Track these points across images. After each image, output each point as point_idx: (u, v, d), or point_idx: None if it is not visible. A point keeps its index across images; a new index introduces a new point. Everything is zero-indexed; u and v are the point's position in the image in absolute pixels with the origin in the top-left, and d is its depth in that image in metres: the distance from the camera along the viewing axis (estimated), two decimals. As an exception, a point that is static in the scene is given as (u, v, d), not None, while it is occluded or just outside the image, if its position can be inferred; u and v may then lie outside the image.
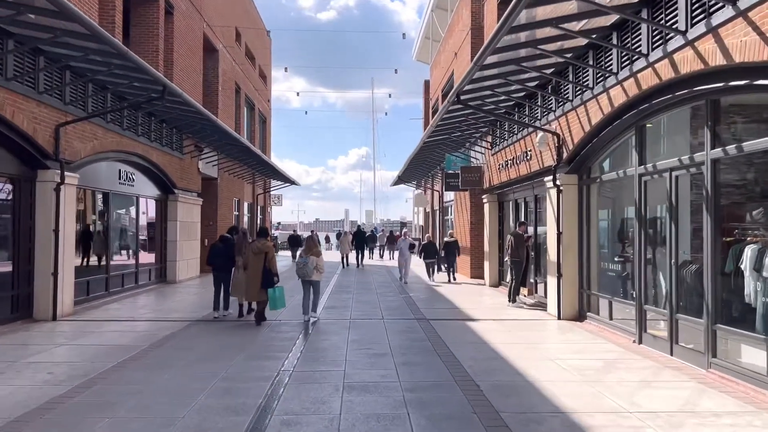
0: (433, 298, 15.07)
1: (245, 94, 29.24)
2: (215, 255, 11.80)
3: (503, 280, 17.67)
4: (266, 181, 34.06)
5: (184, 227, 19.58)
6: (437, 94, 29.06)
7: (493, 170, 17.54)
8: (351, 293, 16.23)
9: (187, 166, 19.74)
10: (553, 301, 12.04)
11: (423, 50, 37.29)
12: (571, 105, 11.06)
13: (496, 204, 18.12)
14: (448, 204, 27.13)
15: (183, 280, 19.33)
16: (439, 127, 15.66)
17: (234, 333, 10.14)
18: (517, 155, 14.80)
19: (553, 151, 12.01)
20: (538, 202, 14.33)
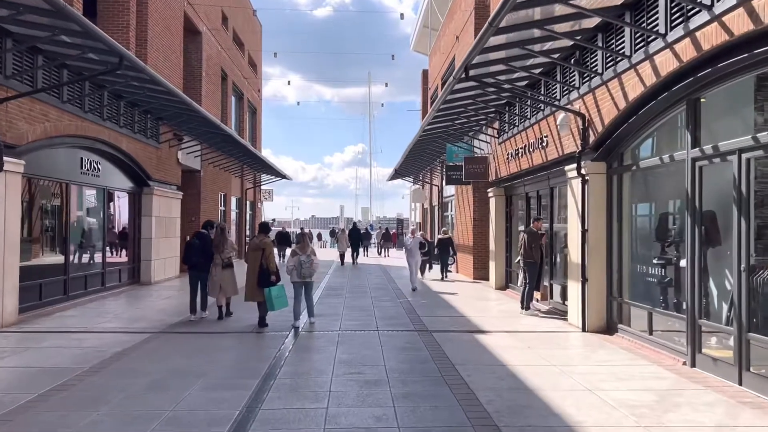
0: (434, 304, 13.40)
1: (233, 82, 27.49)
2: (191, 252, 10.95)
3: (511, 283, 16.02)
4: (256, 175, 32.33)
5: (161, 223, 17.86)
6: (436, 82, 27.36)
7: (500, 161, 15.86)
8: (342, 297, 14.55)
9: (164, 157, 18.00)
10: (575, 310, 10.39)
11: (421, 40, 35.61)
12: (601, 79, 9.39)
13: (503, 198, 16.46)
14: (448, 199, 25.46)
15: (159, 281, 17.61)
16: (442, 111, 13.97)
17: (199, 349, 8.44)
18: (529, 142, 13.13)
19: (577, 135, 10.34)
20: (554, 195, 12.66)
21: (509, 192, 16.08)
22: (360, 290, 16.07)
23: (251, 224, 33.05)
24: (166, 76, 17.40)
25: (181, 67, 19.61)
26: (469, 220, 19.72)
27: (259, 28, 35.06)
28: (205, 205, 22.47)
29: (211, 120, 15.65)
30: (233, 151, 22.92)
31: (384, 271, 22.85)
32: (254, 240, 10.55)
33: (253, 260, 10.18)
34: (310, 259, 10.18)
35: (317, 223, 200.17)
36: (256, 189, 33.97)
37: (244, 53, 30.22)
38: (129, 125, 15.25)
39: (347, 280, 18.97)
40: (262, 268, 10.01)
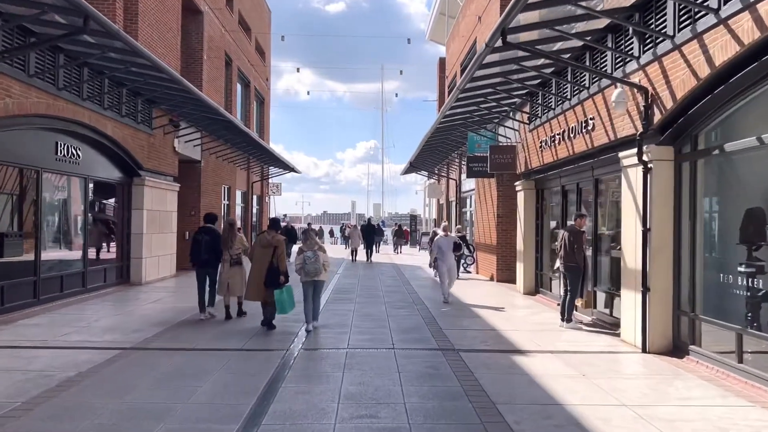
0: (457, 312, 11.67)
1: (238, 68, 25.84)
2: (199, 249, 10.35)
3: (542, 288, 14.25)
4: (264, 168, 30.70)
5: (154, 217, 16.25)
6: (455, 70, 25.57)
7: (531, 150, 14.07)
8: (352, 302, 12.85)
9: (158, 144, 16.39)
10: (631, 325, 8.61)
11: (437, 28, 33.82)
12: (672, 43, 7.59)
13: (534, 192, 14.67)
14: (467, 194, 23.69)
15: (151, 281, 16.01)
16: (466, 92, 12.21)
17: (171, 374, 6.77)
18: (569, 127, 11.34)
19: (636, 114, 8.55)
20: (599, 188, 10.88)
21: (541, 185, 14.29)
22: (372, 294, 14.36)
23: (258, 219, 31.48)
24: (160, 55, 15.78)
25: (178, 47, 17.97)
26: (492, 216, 17.94)
27: (267, 13, 33.39)
28: (206, 199, 20.86)
29: (208, 102, 13.99)
30: (237, 141, 21.32)
31: (398, 271, 21.13)
32: (264, 236, 9.61)
33: (261, 258, 9.44)
34: (316, 254, 9.34)
35: (329, 218, 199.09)
36: (264, 183, 32.37)
37: (250, 38, 28.56)
38: (114, 107, 13.63)
39: (358, 281, 17.28)
40: (272, 266, 9.30)
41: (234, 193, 25.37)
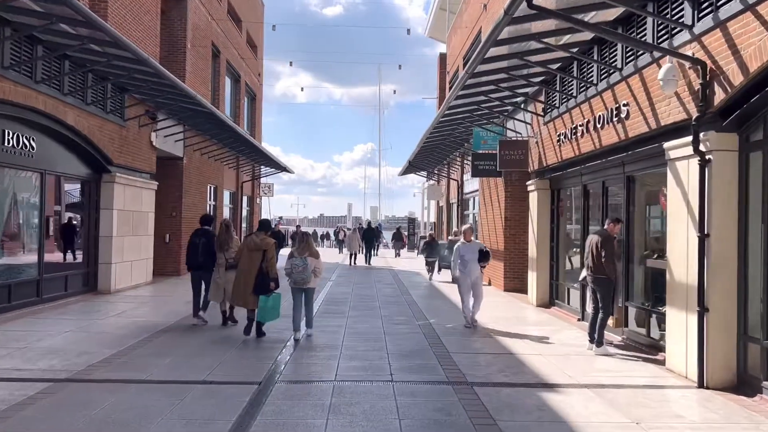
0: (464, 329, 10.11)
1: (227, 61, 24.28)
2: (196, 253, 9.98)
3: (557, 299, 12.71)
4: (255, 168, 29.13)
5: (127, 218, 14.67)
6: (457, 63, 24.11)
7: (546, 145, 12.55)
8: (344, 315, 11.30)
9: (131, 138, 14.81)
10: (680, 351, 7.08)
11: (437, 24, 32.40)
12: (743, 2, 6.08)
13: (548, 193, 13.14)
14: (469, 195, 22.17)
15: (123, 288, 14.42)
16: (476, 77, 10.67)
17: (101, 423, 5.20)
18: (595, 116, 9.81)
19: (689, 96, 7.03)
20: (632, 186, 9.35)
21: (557, 184, 12.76)
22: (367, 305, 12.80)
23: (249, 221, 29.89)
24: (136, 39, 14.23)
25: (157, 32, 16.40)
26: (499, 219, 16.41)
27: (260, 6, 31.86)
28: (188, 198, 19.28)
29: (181, 87, 12.43)
30: (223, 137, 19.79)
31: (395, 278, 19.57)
32: (252, 238, 9.03)
33: (249, 261, 8.89)
34: (305, 262, 8.76)
35: (326, 221, 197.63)
36: (255, 183, 30.79)
37: (241, 30, 27.01)
38: (77, 93, 12.06)
39: (352, 290, 15.72)
40: (261, 271, 8.76)
41: (221, 193, 23.79)
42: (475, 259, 10.30)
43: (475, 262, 10.30)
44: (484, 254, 10.45)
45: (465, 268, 10.29)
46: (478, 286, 10.38)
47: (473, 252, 10.37)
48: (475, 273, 10.32)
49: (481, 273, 10.52)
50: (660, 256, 8.68)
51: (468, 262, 10.29)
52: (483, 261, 10.39)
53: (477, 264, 10.32)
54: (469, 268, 10.28)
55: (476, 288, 10.34)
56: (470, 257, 10.30)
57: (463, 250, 10.43)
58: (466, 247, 10.44)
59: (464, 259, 10.34)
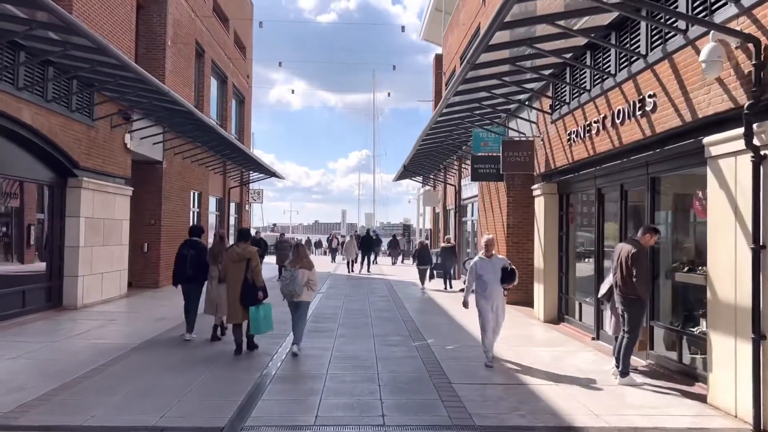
0: (470, 352, 8.94)
1: (213, 61, 23.14)
2: (184, 266, 9.48)
3: (568, 315, 11.57)
4: (243, 173, 27.97)
5: (96, 227, 13.47)
6: (454, 63, 23.06)
7: (554, 145, 11.44)
8: (332, 336, 10.12)
9: (101, 139, 13.62)
10: (728, 385, 5.94)
11: (432, 26, 31.37)
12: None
13: (556, 198, 12.02)
14: (467, 201, 21.05)
15: (91, 303, 13.19)
16: (479, 68, 9.55)
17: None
18: (613, 111, 8.69)
19: (736, 81, 5.92)
20: (656, 190, 8.23)
21: (567, 188, 11.64)
22: (358, 322, 11.62)
23: (237, 229, 28.64)
24: (107, 32, 13.14)
25: (132, 26, 15.25)
26: (501, 227, 15.28)
27: (249, 5, 30.75)
28: (169, 205, 18.07)
29: (155, 84, 11.27)
30: (206, 140, 18.63)
31: (390, 289, 18.39)
32: (234, 249, 8.64)
33: (234, 274, 8.49)
34: (294, 274, 8.33)
35: (321, 228, 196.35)
36: (244, 189, 29.60)
37: (228, 30, 25.87)
38: (35, 88, 10.88)
39: (342, 303, 14.54)
40: (246, 282, 8.36)
41: (206, 199, 22.57)
42: (498, 279, 8.03)
43: (497, 283, 8.03)
44: (510, 273, 8.11)
45: (485, 291, 8.05)
46: (500, 315, 8.20)
47: (494, 270, 8.05)
48: (497, 298, 8.10)
49: (504, 297, 8.34)
50: (691, 269, 7.58)
51: (488, 283, 8.01)
52: (507, 282, 8.09)
53: (499, 286, 8.06)
54: (490, 292, 8.02)
55: (498, 315, 8.18)
56: (491, 277, 8.03)
57: (482, 267, 8.08)
58: (486, 264, 8.09)
59: (483, 279, 8.04)
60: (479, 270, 8.12)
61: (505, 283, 8.09)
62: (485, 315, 8.08)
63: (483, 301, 8.12)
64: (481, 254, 8.30)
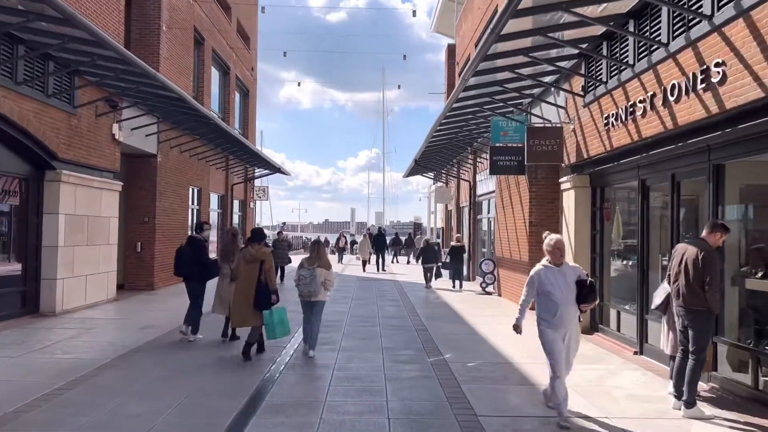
0: (493, 370, 7.64)
1: (213, 50, 21.93)
2: (179, 262, 9.36)
3: (602, 324, 10.23)
4: (247, 169, 26.77)
5: (79, 224, 12.28)
6: (468, 51, 21.71)
7: (587, 132, 10.09)
8: (336, 348, 8.84)
9: (84, 128, 12.43)
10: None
11: (443, 17, 30.03)
12: None
13: (589, 191, 10.69)
14: (483, 198, 19.70)
15: (73, 309, 12.00)
16: (504, 39, 8.26)
17: None
18: (665, 87, 7.34)
19: None
20: (720, 180, 6.89)
21: (601, 181, 10.30)
22: (366, 332, 10.34)
23: (241, 227, 27.48)
24: (91, 11, 11.92)
25: (121, 7, 14.03)
26: (522, 224, 13.94)
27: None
28: (164, 202, 16.88)
29: (140, 66, 10.04)
30: (204, 131, 17.42)
31: (400, 291, 17.10)
32: (248, 250, 8.32)
33: (247, 275, 8.13)
34: (312, 273, 8.12)
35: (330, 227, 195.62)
36: (248, 185, 28.40)
37: (230, 18, 24.66)
38: (1, 68, 9.68)
39: (349, 308, 13.27)
40: (260, 285, 8.02)
41: (206, 196, 21.37)
42: (572, 297, 5.61)
43: (570, 303, 5.61)
44: (590, 289, 5.67)
45: (552, 314, 5.58)
46: (572, 348, 5.81)
47: (567, 285, 5.61)
48: (570, 324, 5.68)
49: (579, 321, 5.93)
50: (766, 274, 6.24)
51: (558, 304, 5.56)
52: (587, 301, 5.71)
53: (574, 307, 5.65)
54: (561, 316, 5.57)
55: (570, 351, 5.79)
56: (562, 295, 5.56)
57: (547, 278, 5.66)
58: (553, 275, 5.66)
59: (550, 298, 5.60)
60: (544, 284, 5.63)
61: (584, 303, 5.68)
62: (555, 350, 5.57)
63: (550, 330, 5.59)
64: (545, 261, 5.79)
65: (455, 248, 18.83)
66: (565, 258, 5.85)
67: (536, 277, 5.75)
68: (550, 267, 5.73)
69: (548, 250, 5.80)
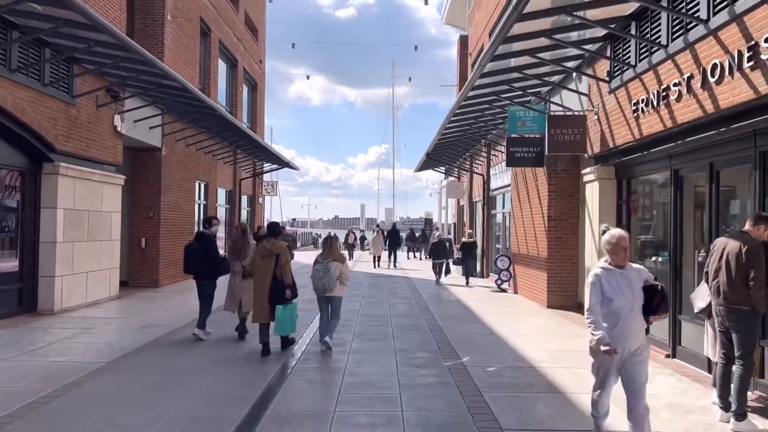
0: (513, 373, 7.07)
1: (220, 42, 21.43)
2: (189, 259, 9.05)
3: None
4: (256, 164, 26.30)
5: (78, 219, 11.82)
6: (482, 40, 21.07)
7: (612, 120, 9.47)
8: (346, 350, 8.30)
9: (84, 119, 11.95)
10: None
11: (456, 7, 29.35)
12: None
13: (614, 183, 10.08)
14: (498, 192, 19.07)
15: (74, 307, 11.55)
16: (526, 20, 7.67)
17: None
18: (704, 68, 6.72)
19: None
20: (767, 170, 6.27)
21: (628, 172, 9.68)
22: (377, 332, 9.79)
23: (250, 223, 27.01)
24: (92, 1, 11.39)
25: (123, -5, 13.53)
26: (540, 219, 13.33)
27: (261, -12, 29.01)
28: (169, 197, 16.40)
29: (139, 51, 9.52)
30: (209, 123, 16.92)
31: (412, 289, 16.53)
32: (263, 244, 8.23)
33: (263, 270, 8.03)
34: (327, 267, 8.09)
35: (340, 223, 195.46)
36: (256, 180, 27.91)
37: (238, 9, 24.15)
38: (-5, 56, 9.22)
39: (360, 306, 12.73)
40: (275, 280, 7.91)
41: (213, 191, 20.90)
42: (638, 306, 4.52)
43: (636, 313, 4.51)
44: (661, 296, 4.57)
45: (613, 325, 4.47)
46: (639, 371, 4.52)
47: (632, 291, 4.51)
48: (635, 338, 4.50)
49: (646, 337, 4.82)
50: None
51: (620, 313, 4.46)
52: (657, 312, 4.59)
53: (641, 318, 4.55)
54: (623, 327, 4.46)
55: (634, 372, 4.51)
56: (625, 302, 4.47)
57: (608, 282, 4.53)
58: (614, 278, 4.55)
59: (611, 305, 4.48)
60: (605, 287, 4.52)
61: (654, 314, 4.58)
62: (609, 368, 4.60)
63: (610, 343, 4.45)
64: (604, 262, 4.67)
65: (467, 244, 18.69)
66: (629, 258, 4.71)
67: (597, 282, 4.54)
68: (611, 270, 4.58)
69: (608, 248, 4.62)
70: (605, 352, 4.41)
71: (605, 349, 4.40)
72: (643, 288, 4.57)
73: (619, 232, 4.66)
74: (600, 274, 4.59)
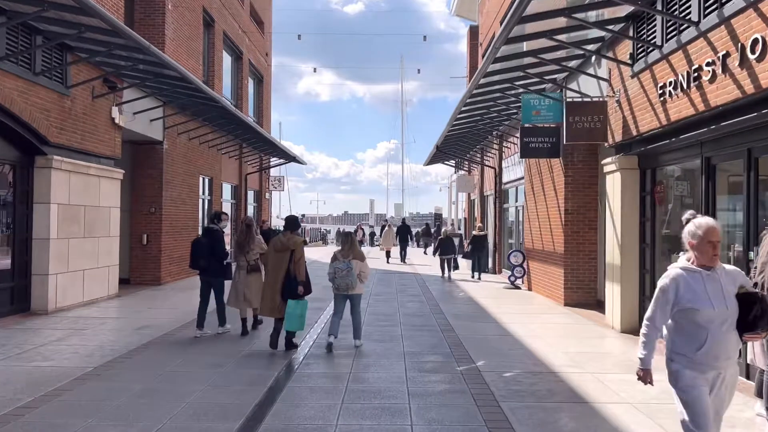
0: (534, 379, 6.50)
1: (224, 33, 20.92)
2: (197, 254, 8.80)
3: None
4: (262, 158, 25.80)
5: (74, 215, 11.35)
6: (493, 29, 20.42)
7: (635, 106, 8.85)
8: (351, 353, 7.77)
9: (80, 111, 11.46)
10: None
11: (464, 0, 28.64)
12: None
13: (636, 174, 9.46)
14: (510, 185, 18.45)
15: (70, 306, 11.10)
16: None
17: None
18: (742, 45, 6.10)
19: None
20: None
21: (652, 162, 9.06)
22: (385, 333, 9.23)
23: (256, 218, 26.54)
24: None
25: (120, -18, 13.02)
26: (556, 213, 12.73)
27: (266, -23, 28.45)
28: (171, 191, 15.94)
29: (134, 37, 9.00)
30: (213, 116, 16.45)
31: (422, 286, 15.96)
32: (278, 238, 8.09)
33: (276, 264, 7.89)
34: (349, 266, 7.87)
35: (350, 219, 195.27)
36: (263, 175, 27.44)
37: (243, 1, 23.62)
38: (-19, 42, 8.74)
39: (367, 305, 12.17)
40: (289, 275, 7.74)
41: (218, 186, 20.42)
42: (732, 319, 3.45)
43: (729, 328, 3.45)
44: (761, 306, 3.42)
45: (698, 347, 3.45)
46: (725, 398, 3.60)
47: (722, 298, 3.44)
48: (728, 359, 3.51)
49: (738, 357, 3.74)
50: None
51: (708, 327, 3.42)
52: (756, 328, 3.44)
53: (734, 333, 3.46)
54: (711, 347, 3.42)
55: (719, 404, 3.58)
56: (715, 314, 3.41)
57: (690, 287, 3.47)
58: (699, 282, 3.48)
59: (696, 318, 3.43)
60: (685, 297, 3.47)
61: (751, 331, 3.47)
62: (698, 404, 3.47)
63: (689, 371, 3.49)
64: (685, 261, 3.60)
65: (477, 237, 18.17)
66: (719, 256, 3.57)
67: (673, 285, 3.49)
68: (696, 271, 3.49)
69: (693, 243, 3.51)
70: (639, 377, 3.67)
71: (640, 373, 3.66)
72: (737, 296, 3.46)
73: (708, 221, 3.52)
74: (678, 276, 3.48)
